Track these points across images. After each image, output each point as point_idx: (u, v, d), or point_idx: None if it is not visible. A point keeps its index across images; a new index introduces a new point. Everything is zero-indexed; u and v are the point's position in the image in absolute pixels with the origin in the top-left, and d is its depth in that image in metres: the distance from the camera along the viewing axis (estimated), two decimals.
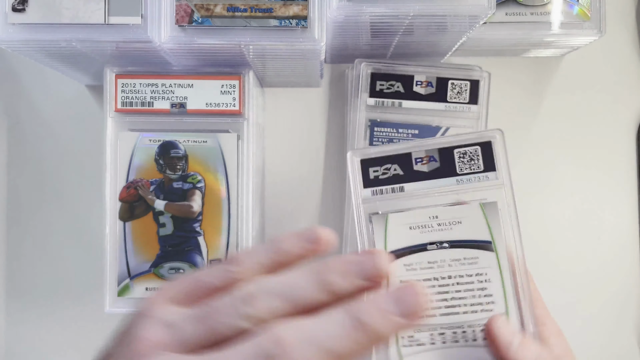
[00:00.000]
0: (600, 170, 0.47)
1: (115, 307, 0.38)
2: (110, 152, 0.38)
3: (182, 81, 0.38)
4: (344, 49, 0.43)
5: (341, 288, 0.23)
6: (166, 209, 0.38)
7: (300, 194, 0.46)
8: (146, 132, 0.38)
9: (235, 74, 0.38)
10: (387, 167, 0.35)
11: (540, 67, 0.47)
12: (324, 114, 0.47)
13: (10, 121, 0.46)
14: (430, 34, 0.38)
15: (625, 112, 0.47)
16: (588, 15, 0.40)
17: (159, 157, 0.38)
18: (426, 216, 0.34)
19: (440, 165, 0.35)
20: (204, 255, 0.38)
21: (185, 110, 0.38)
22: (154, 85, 0.38)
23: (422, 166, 0.35)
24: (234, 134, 0.38)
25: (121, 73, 0.38)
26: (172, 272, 0.38)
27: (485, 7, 0.33)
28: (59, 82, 0.46)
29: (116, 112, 0.38)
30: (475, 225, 0.34)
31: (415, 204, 0.35)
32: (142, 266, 0.38)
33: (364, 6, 0.33)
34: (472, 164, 0.34)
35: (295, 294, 0.23)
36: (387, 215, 0.34)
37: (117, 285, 0.38)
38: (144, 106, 0.38)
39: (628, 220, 0.47)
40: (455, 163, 0.35)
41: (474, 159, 0.35)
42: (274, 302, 0.22)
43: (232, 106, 0.38)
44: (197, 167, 0.38)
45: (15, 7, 0.32)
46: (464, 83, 0.42)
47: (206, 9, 0.32)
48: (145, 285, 0.38)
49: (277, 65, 0.39)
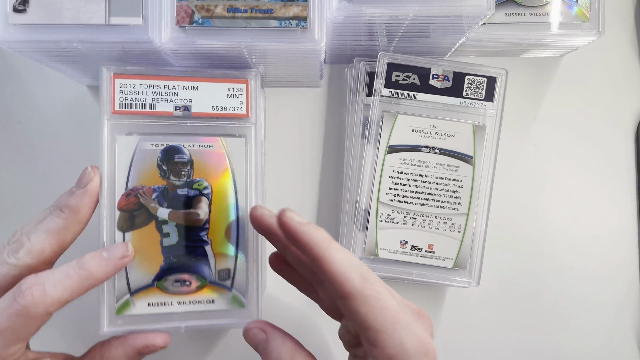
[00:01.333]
0: (599, 170, 0.47)
1: (114, 326, 0.34)
2: (107, 157, 0.35)
3: (187, 83, 0.36)
4: (343, 50, 0.43)
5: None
6: (170, 217, 0.36)
7: (300, 194, 0.46)
8: (146, 135, 0.36)
9: (243, 77, 0.37)
10: (408, 75, 0.42)
11: (540, 68, 0.47)
12: (324, 115, 0.47)
13: (10, 122, 0.46)
14: (429, 35, 0.39)
15: (624, 112, 0.48)
16: (587, 16, 0.40)
17: (162, 163, 0.36)
18: (428, 124, 0.42)
19: (451, 85, 0.42)
20: (211, 265, 0.36)
21: (190, 114, 0.36)
22: (156, 86, 0.36)
23: (436, 82, 0.42)
24: (241, 138, 0.37)
25: (119, 73, 0.36)
26: (178, 285, 0.36)
27: (484, 7, 0.33)
28: (59, 82, 0.46)
29: (113, 114, 0.35)
30: (465, 141, 0.42)
31: (422, 112, 0.42)
32: (143, 280, 0.35)
33: (364, 7, 0.33)
34: (477, 91, 0.42)
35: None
36: (397, 115, 0.42)
37: (115, 302, 0.35)
38: (145, 108, 0.36)
39: (627, 220, 0.47)
40: (463, 87, 0.42)
41: (479, 87, 0.42)
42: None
43: (239, 110, 0.37)
44: (203, 172, 0.36)
45: (16, 8, 0.32)
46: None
47: (207, 10, 0.33)
48: (147, 301, 0.35)
49: (277, 66, 0.40)
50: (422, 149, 0.42)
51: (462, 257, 0.42)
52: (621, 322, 0.47)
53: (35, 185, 0.46)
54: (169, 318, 0.35)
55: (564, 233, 0.47)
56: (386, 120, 0.42)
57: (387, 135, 0.42)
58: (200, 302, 0.36)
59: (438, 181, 0.42)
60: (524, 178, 0.47)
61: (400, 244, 0.42)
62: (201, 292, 0.36)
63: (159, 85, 0.36)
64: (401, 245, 0.42)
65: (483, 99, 0.42)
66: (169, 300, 0.36)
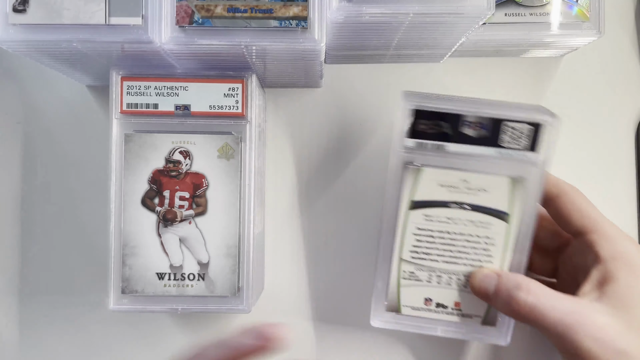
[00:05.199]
0: (599, 170, 0.47)
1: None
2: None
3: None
4: (343, 50, 0.43)
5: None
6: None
7: (300, 194, 0.46)
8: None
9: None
10: (437, 123, 0.36)
11: (540, 68, 0.47)
12: (324, 115, 0.47)
13: (10, 122, 0.46)
14: (430, 35, 0.39)
15: (624, 112, 0.48)
16: (587, 16, 0.40)
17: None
18: (458, 178, 0.37)
19: (488, 133, 0.36)
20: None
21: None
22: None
23: (469, 130, 0.36)
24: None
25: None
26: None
27: (484, 7, 0.33)
28: (59, 82, 0.46)
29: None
30: (500, 196, 0.37)
31: (451, 164, 0.37)
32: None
33: (364, 7, 0.33)
34: (519, 141, 0.36)
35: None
36: (423, 168, 0.37)
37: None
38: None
39: (627, 220, 0.47)
40: (501, 135, 0.36)
41: (521, 136, 0.36)
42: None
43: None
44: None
45: (16, 8, 0.32)
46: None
47: (207, 10, 0.33)
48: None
49: (277, 66, 0.40)
50: (450, 205, 0.38)
51: (492, 313, 0.39)
52: None
53: (35, 186, 0.46)
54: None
55: None
56: (409, 174, 0.37)
57: (410, 190, 0.38)
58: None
59: (467, 238, 0.38)
60: None
61: (424, 301, 0.39)
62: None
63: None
64: (426, 302, 0.39)
65: (525, 149, 0.37)
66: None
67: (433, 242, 0.38)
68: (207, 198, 0.39)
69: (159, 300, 0.39)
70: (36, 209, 0.46)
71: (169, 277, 0.38)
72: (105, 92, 0.46)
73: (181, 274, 0.38)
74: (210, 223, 0.39)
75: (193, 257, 0.39)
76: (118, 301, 0.38)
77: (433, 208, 0.38)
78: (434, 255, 0.38)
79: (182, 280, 0.38)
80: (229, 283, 0.39)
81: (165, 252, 0.38)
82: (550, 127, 0.36)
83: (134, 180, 0.38)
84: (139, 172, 0.38)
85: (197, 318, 0.45)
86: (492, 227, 0.37)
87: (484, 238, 0.38)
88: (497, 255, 0.38)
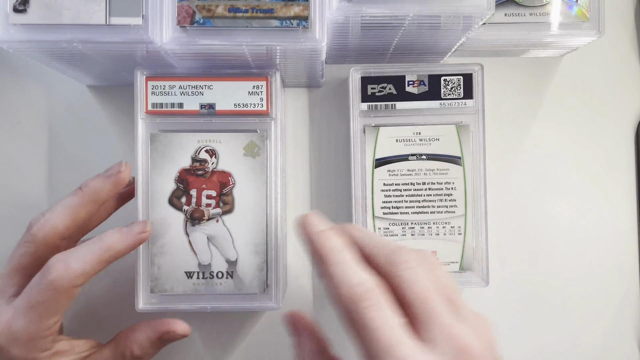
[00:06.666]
0: (599, 170, 0.47)
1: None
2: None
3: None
4: (344, 50, 0.43)
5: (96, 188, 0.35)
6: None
7: (300, 194, 0.46)
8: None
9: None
10: (383, 86, 0.42)
11: (540, 68, 0.47)
12: (325, 115, 0.47)
13: (10, 122, 0.46)
14: (429, 35, 0.39)
15: (624, 112, 0.48)
16: (587, 16, 0.41)
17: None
18: (411, 132, 0.42)
19: (428, 89, 0.42)
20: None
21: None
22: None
23: (413, 88, 0.42)
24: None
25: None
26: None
27: (484, 7, 0.33)
28: (59, 82, 0.46)
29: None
30: (450, 142, 0.42)
31: (403, 121, 0.42)
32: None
33: (364, 7, 0.33)
34: (454, 91, 0.42)
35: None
36: (379, 128, 0.42)
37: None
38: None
39: (627, 220, 0.47)
40: (440, 89, 0.42)
41: (456, 86, 0.42)
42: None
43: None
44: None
45: (16, 8, 0.32)
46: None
47: (208, 10, 0.33)
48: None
49: (277, 66, 0.39)
50: (409, 158, 0.42)
51: (467, 258, 0.42)
52: (621, 322, 0.47)
53: (35, 185, 0.46)
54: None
55: (564, 233, 0.47)
56: (368, 135, 0.42)
57: (372, 150, 0.42)
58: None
59: (430, 187, 0.42)
60: (524, 178, 0.47)
61: None
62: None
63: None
64: None
65: (462, 97, 0.42)
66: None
67: (400, 196, 0.42)
68: (234, 196, 0.38)
69: (188, 299, 0.38)
70: (36, 209, 0.46)
71: (197, 276, 0.38)
72: (106, 92, 0.46)
73: (210, 272, 0.38)
74: (238, 221, 0.38)
75: (221, 255, 0.38)
76: (147, 301, 0.38)
77: (394, 163, 0.42)
78: (404, 208, 0.42)
79: (210, 279, 0.38)
80: (257, 280, 0.38)
81: (194, 251, 0.38)
82: (477, 74, 0.42)
83: (161, 180, 0.38)
84: (165, 172, 0.38)
85: (221, 315, 0.46)
86: (450, 172, 0.42)
87: (444, 184, 0.42)
88: (459, 197, 0.42)
